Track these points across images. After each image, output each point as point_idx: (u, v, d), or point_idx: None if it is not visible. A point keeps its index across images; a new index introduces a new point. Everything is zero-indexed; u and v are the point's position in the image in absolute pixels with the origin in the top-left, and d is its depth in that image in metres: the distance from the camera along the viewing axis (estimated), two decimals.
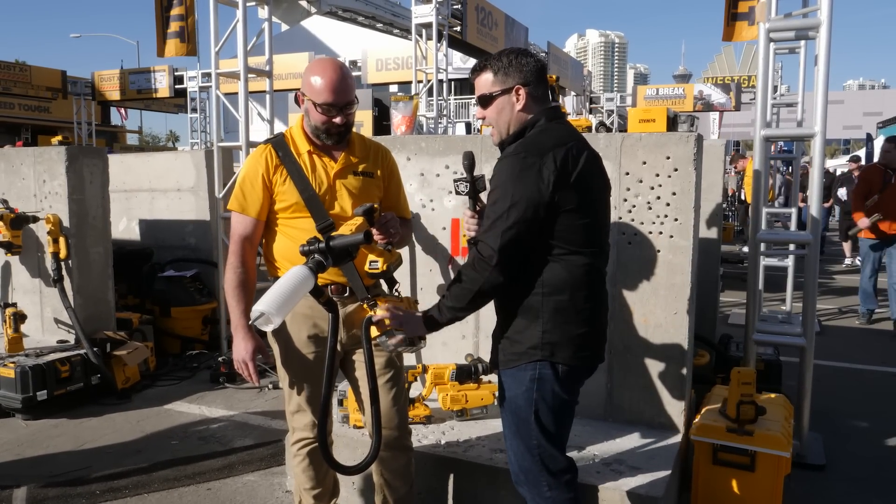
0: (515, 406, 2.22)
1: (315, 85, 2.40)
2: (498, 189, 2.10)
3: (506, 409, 2.28)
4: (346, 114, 2.45)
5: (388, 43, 20.91)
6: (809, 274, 3.84)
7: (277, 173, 2.47)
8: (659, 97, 18.56)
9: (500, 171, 2.13)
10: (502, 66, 2.20)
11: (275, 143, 2.53)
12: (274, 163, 2.48)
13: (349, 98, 2.44)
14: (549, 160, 2.05)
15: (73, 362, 4.73)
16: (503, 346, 2.26)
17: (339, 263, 2.11)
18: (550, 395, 2.18)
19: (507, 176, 2.09)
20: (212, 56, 5.66)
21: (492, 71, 2.21)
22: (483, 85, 2.24)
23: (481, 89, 2.25)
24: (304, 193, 2.44)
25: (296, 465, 2.69)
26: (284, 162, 2.47)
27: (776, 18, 3.80)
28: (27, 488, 3.52)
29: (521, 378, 2.19)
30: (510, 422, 2.27)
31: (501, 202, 2.07)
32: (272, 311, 1.83)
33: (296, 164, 2.47)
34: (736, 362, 4.03)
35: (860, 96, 52.11)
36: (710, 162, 4.24)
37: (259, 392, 5.14)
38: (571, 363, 2.20)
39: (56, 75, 21.18)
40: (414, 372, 3.49)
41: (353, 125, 2.56)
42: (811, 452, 3.85)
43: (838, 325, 7.42)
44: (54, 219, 4.96)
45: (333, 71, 2.41)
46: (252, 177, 2.48)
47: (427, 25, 10.96)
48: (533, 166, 2.05)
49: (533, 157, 2.06)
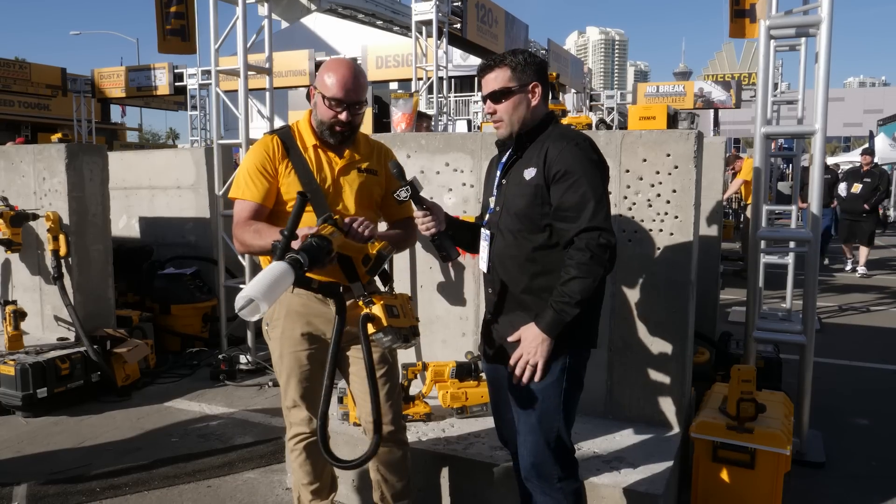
0: (543, 398, 2.22)
1: (327, 80, 2.42)
2: (580, 177, 2.13)
3: (525, 404, 2.27)
4: (353, 113, 2.45)
5: (388, 40, 20.90)
6: (809, 271, 3.84)
7: (283, 164, 2.48)
8: (659, 95, 18.53)
9: (571, 158, 2.15)
10: (519, 63, 2.25)
11: (281, 134, 2.54)
12: (280, 153, 2.49)
13: (358, 97, 2.44)
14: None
15: (74, 360, 4.73)
16: None
17: (316, 264, 2.03)
18: (578, 382, 2.24)
19: (585, 162, 2.15)
20: (211, 53, 5.65)
21: (509, 67, 2.25)
22: (499, 80, 2.26)
23: (497, 84, 2.26)
24: (308, 187, 2.44)
25: (293, 459, 2.70)
26: (290, 154, 2.48)
27: (777, 15, 3.79)
28: (27, 485, 3.53)
29: (551, 370, 2.20)
30: (530, 415, 2.27)
31: (592, 188, 2.12)
32: (259, 296, 1.81)
33: (301, 158, 2.48)
34: (736, 360, 4.03)
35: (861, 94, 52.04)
36: (710, 159, 4.24)
37: (259, 389, 5.15)
38: (594, 346, 2.28)
39: (56, 73, 21.17)
40: (414, 369, 3.50)
41: (358, 128, 2.57)
42: (811, 450, 3.85)
43: (838, 323, 7.42)
44: (54, 216, 4.96)
45: (347, 69, 2.44)
46: (257, 164, 2.48)
47: (427, 22, 10.94)
48: (595, 153, 2.19)
49: (591, 145, 2.20)
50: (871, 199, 10.86)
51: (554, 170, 2.15)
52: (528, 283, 2.25)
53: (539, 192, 2.19)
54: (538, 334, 2.12)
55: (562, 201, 2.14)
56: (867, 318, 7.50)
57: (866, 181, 10.94)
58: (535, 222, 2.22)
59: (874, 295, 9.02)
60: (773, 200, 9.80)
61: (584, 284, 2.08)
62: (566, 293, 2.09)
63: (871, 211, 10.95)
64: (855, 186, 11.00)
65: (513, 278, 2.29)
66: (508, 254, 2.29)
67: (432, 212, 2.34)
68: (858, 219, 10.93)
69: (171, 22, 11.36)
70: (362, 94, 2.47)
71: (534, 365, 2.13)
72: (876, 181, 10.94)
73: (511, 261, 2.29)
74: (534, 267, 2.24)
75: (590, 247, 2.08)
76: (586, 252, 2.08)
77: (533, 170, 2.21)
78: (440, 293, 3.76)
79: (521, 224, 2.25)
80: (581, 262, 2.08)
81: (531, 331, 2.14)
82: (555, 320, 2.11)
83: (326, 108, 2.44)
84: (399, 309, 2.32)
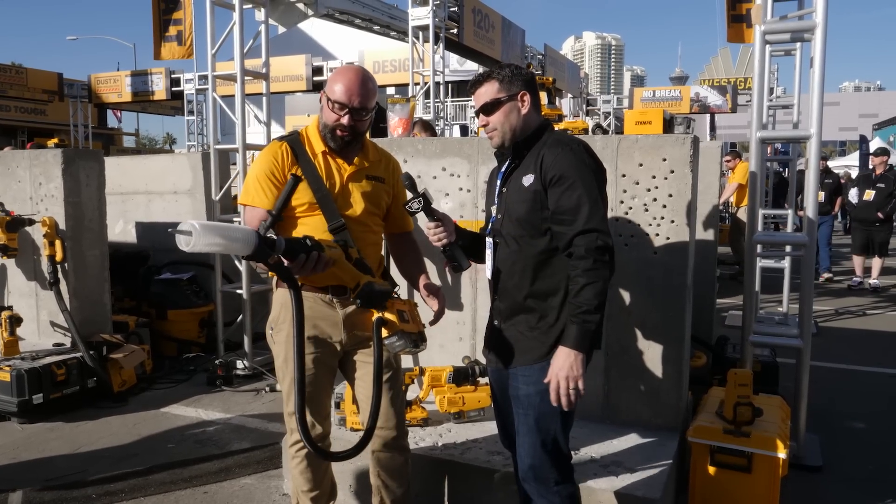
0: (542, 399, 2.22)
1: (334, 83, 2.44)
2: (575, 181, 2.16)
3: (524, 405, 2.30)
4: (356, 119, 2.45)
5: (386, 45, 20.89)
6: (806, 275, 3.85)
7: (292, 171, 2.47)
8: (655, 99, 18.59)
9: (566, 163, 2.19)
10: (506, 74, 2.33)
11: (291, 141, 2.54)
12: (290, 161, 2.48)
13: (364, 103, 2.44)
14: None
15: (70, 365, 4.72)
16: (527, 341, 2.30)
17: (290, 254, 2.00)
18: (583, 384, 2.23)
19: (579, 166, 2.19)
20: (208, 58, 5.66)
21: (497, 80, 2.33)
22: (488, 93, 2.34)
23: (487, 96, 2.33)
24: (318, 194, 2.45)
25: (294, 466, 2.69)
26: (300, 161, 2.48)
27: (772, 21, 3.80)
28: (23, 492, 3.51)
29: None
30: (529, 418, 2.29)
31: (587, 191, 2.15)
32: (199, 230, 1.77)
33: (311, 165, 2.48)
34: (733, 364, 4.03)
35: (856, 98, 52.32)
36: (706, 164, 4.25)
37: (256, 395, 5.13)
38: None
39: (52, 78, 21.13)
40: (411, 374, 3.49)
41: (362, 135, 2.56)
42: (808, 453, 3.85)
43: (835, 327, 7.43)
44: (50, 221, 4.95)
45: (355, 74, 2.46)
46: (266, 171, 2.47)
47: (424, 28, 10.96)
48: (590, 157, 2.24)
49: (585, 150, 2.24)
50: (885, 207, 9.64)
51: (550, 174, 2.19)
52: (531, 287, 2.29)
53: (538, 197, 2.23)
54: (569, 353, 2.12)
55: (558, 205, 2.18)
56: (864, 322, 7.52)
57: (880, 187, 9.72)
58: (536, 227, 2.26)
59: (871, 299, 9.03)
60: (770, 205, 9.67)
61: (596, 289, 2.10)
62: (582, 303, 2.10)
63: (886, 220, 9.74)
64: (867, 193, 9.80)
65: (517, 283, 2.32)
66: (512, 259, 2.33)
67: (443, 223, 2.38)
68: (871, 228, 9.75)
69: (170, 29, 11.37)
70: (368, 100, 2.46)
71: (574, 384, 2.12)
72: (891, 186, 9.65)
73: (514, 266, 2.32)
74: (537, 271, 2.27)
75: (589, 251, 2.10)
76: (588, 258, 2.10)
77: (531, 176, 2.25)
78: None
79: (522, 230, 2.28)
80: (587, 269, 2.10)
81: (560, 354, 2.14)
82: (580, 333, 2.11)
83: (330, 112, 2.45)
84: (408, 314, 2.34)
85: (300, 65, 16.30)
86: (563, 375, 2.11)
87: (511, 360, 2.34)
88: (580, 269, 2.11)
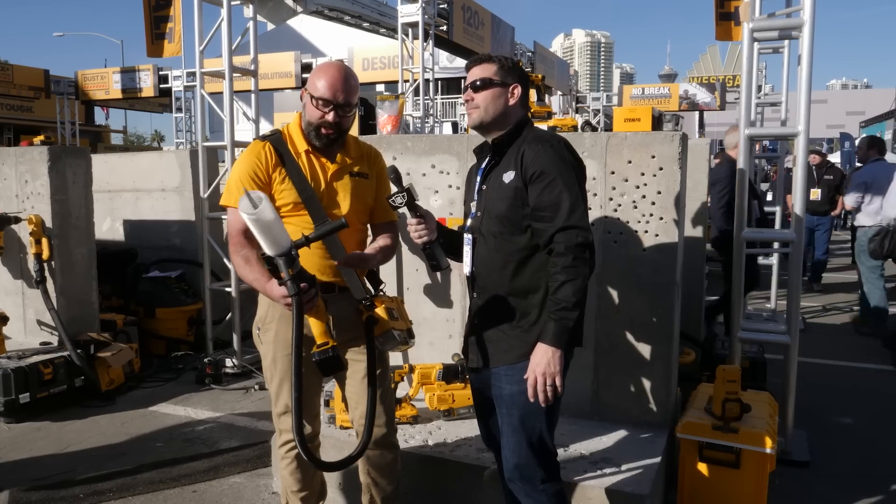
0: (525, 398, 2.20)
1: (317, 80, 2.42)
2: (555, 177, 2.16)
3: (508, 404, 2.29)
4: (341, 115, 2.43)
5: (375, 42, 20.87)
6: (794, 272, 3.87)
7: (276, 171, 2.45)
8: (645, 97, 18.66)
9: (546, 159, 2.19)
10: (507, 63, 2.35)
11: (273, 140, 2.50)
12: (273, 161, 2.45)
13: (347, 99, 2.43)
14: None
15: (57, 364, 4.69)
16: (509, 339, 2.28)
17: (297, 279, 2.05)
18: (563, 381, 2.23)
19: (559, 162, 2.19)
20: (196, 55, 5.62)
21: (497, 64, 2.33)
22: (485, 71, 2.33)
23: (483, 74, 2.33)
24: (303, 194, 2.43)
25: (283, 467, 2.68)
26: (284, 161, 2.45)
27: (760, 18, 3.82)
28: (10, 492, 3.49)
29: None
30: (513, 417, 2.28)
31: (567, 187, 2.15)
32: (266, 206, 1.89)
33: (295, 165, 2.46)
34: (721, 360, 4.05)
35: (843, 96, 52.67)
36: (694, 161, 4.27)
37: (245, 393, 5.12)
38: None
39: (39, 74, 20.92)
40: (401, 372, 3.49)
41: (346, 131, 2.55)
42: (796, 449, 3.88)
43: (823, 323, 7.49)
44: (37, 219, 4.91)
45: (337, 70, 2.44)
46: (249, 172, 2.44)
47: (413, 25, 10.95)
48: (570, 153, 2.24)
49: (565, 146, 2.25)
50: None
51: (531, 171, 2.19)
52: (511, 284, 2.27)
53: (518, 194, 2.22)
54: (546, 349, 2.12)
55: (538, 202, 2.18)
56: (851, 318, 7.56)
57: None
58: (516, 224, 2.25)
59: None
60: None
61: (575, 286, 2.10)
62: (561, 300, 2.10)
63: None
64: None
65: (495, 281, 2.30)
66: (491, 257, 2.31)
67: (426, 220, 2.36)
68: None
69: (160, 27, 11.30)
70: (351, 96, 2.45)
71: (552, 380, 2.12)
72: None
73: (493, 263, 2.31)
74: (516, 268, 2.26)
75: (569, 248, 2.10)
76: (568, 255, 2.10)
77: (512, 173, 2.24)
78: (427, 295, 3.75)
79: (502, 227, 2.27)
80: (566, 266, 2.10)
81: (539, 350, 2.14)
82: (558, 330, 2.11)
83: (314, 109, 2.43)
84: (396, 311, 2.34)
85: (289, 62, 16.22)
86: (540, 371, 2.11)
87: (492, 360, 2.32)
88: (560, 266, 2.11)
